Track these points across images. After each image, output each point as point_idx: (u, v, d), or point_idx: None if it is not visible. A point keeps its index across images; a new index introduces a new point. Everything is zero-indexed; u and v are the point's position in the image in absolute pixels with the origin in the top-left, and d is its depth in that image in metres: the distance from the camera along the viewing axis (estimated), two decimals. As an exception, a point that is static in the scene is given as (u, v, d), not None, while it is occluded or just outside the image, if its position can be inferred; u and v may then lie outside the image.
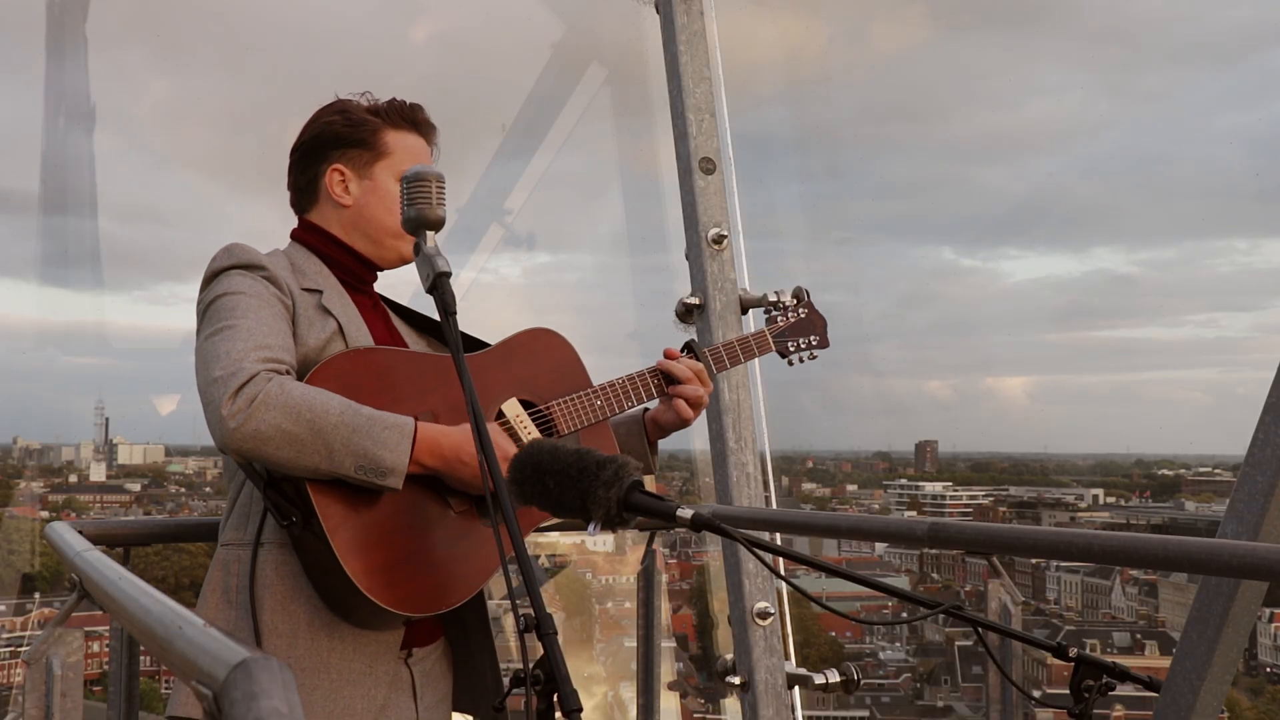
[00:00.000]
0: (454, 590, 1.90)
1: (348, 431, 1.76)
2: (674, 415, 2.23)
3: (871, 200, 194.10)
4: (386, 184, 2.06)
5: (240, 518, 1.95)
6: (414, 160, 2.06)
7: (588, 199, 30.53)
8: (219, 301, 1.89)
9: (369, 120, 2.08)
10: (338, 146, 2.07)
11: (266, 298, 1.90)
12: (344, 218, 2.07)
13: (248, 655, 0.80)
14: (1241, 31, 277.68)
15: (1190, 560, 1.85)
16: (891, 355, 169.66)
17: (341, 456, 1.75)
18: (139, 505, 46.57)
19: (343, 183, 2.07)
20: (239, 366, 1.77)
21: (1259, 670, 47.68)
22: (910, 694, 49.65)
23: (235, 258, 1.94)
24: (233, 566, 1.92)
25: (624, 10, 3.77)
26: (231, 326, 1.84)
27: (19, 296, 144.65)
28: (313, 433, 1.74)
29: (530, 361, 2.12)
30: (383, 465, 1.77)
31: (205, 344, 1.84)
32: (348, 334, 1.96)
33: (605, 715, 6.95)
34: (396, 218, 1.93)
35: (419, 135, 2.12)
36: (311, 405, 1.75)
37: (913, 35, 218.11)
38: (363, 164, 2.07)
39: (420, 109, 2.13)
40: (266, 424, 1.73)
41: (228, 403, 1.73)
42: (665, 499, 1.50)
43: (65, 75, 6.43)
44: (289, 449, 1.74)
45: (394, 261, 2.11)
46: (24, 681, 2.07)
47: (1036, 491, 71.46)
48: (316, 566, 1.84)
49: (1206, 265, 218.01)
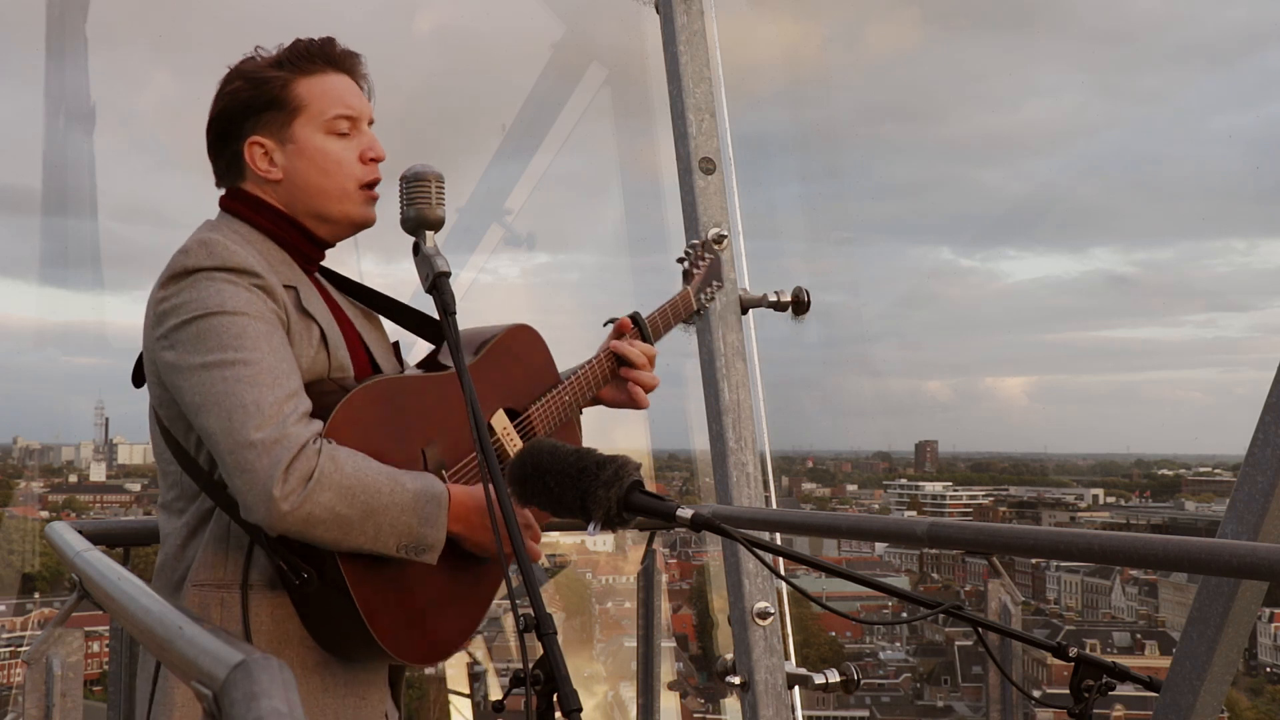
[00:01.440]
0: (464, 630, 1.85)
1: (396, 512, 1.65)
2: (626, 397, 2.17)
3: (871, 201, 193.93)
4: (311, 140, 1.80)
5: (213, 555, 1.72)
6: (335, 101, 1.81)
7: (588, 199, 30.50)
8: (215, 321, 1.65)
9: (274, 76, 1.81)
10: (248, 115, 1.81)
11: (269, 318, 1.69)
12: (279, 194, 1.82)
13: (248, 655, 0.80)
14: (1238, 32, 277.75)
15: (1190, 560, 1.85)
16: (891, 355, 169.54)
17: (387, 537, 1.65)
18: (139, 505, 46.50)
19: (265, 155, 1.81)
20: (283, 432, 1.59)
21: (1259, 670, 47.68)
22: (910, 694, 49.63)
23: (218, 258, 1.69)
24: (215, 610, 1.70)
25: (624, 10, 3.77)
26: (246, 364, 1.63)
27: (19, 296, 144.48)
28: (364, 514, 1.62)
29: (511, 366, 2.05)
30: (425, 542, 1.68)
31: (214, 378, 1.63)
32: (329, 341, 1.79)
33: (606, 715, 6.95)
34: (334, 177, 1.82)
35: (337, 71, 1.85)
36: (365, 484, 1.62)
37: (909, 36, 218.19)
38: (279, 126, 1.81)
39: (330, 41, 1.86)
40: (322, 507, 1.58)
41: (279, 482, 1.55)
42: (665, 499, 1.50)
43: (65, 75, 6.43)
44: (337, 530, 1.61)
45: (345, 228, 1.87)
46: (24, 681, 2.06)
47: (1036, 491, 71.47)
48: (325, 621, 1.71)
49: (1204, 265, 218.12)
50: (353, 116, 1.84)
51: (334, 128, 1.82)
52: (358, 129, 1.86)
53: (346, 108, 1.83)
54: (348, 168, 1.83)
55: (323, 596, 1.69)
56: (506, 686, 1.43)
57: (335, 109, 1.82)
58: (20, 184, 70.67)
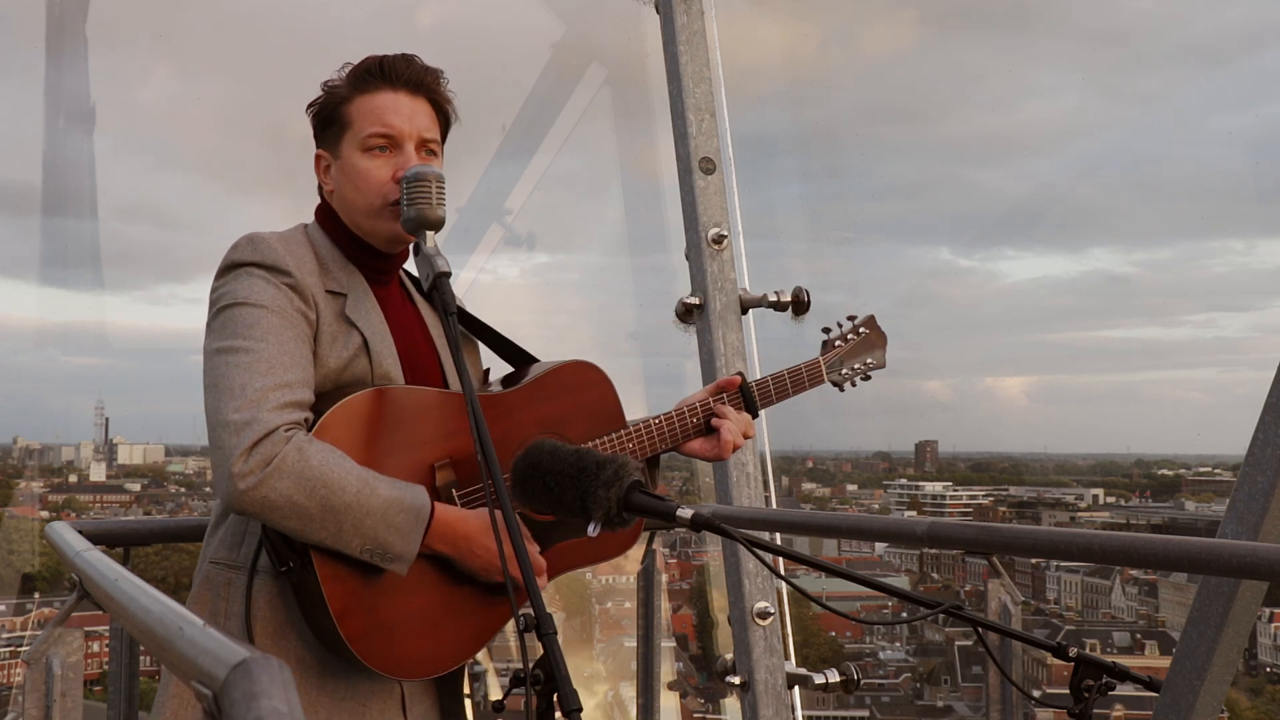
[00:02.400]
0: (448, 655, 1.80)
1: (360, 514, 1.65)
2: (715, 453, 2.07)
3: (870, 201, 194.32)
4: (351, 158, 1.87)
5: (233, 535, 1.80)
6: (374, 120, 1.86)
7: (588, 199, 30.54)
8: (237, 311, 1.73)
9: (337, 92, 1.90)
10: (319, 129, 1.93)
11: (290, 314, 1.75)
12: (335, 205, 1.91)
13: (247, 655, 0.80)
14: (1235, 33, 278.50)
15: (1190, 560, 1.85)
16: (891, 355, 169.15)
17: (349, 537, 1.65)
18: (139, 505, 46.56)
19: (325, 168, 1.92)
20: (255, 415, 1.64)
21: (1259, 670, 47.68)
22: (910, 694, 49.64)
23: (260, 254, 1.78)
24: (222, 590, 1.78)
25: (624, 10, 3.77)
26: (249, 351, 1.69)
27: (19, 297, 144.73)
28: (324, 510, 1.63)
29: (564, 399, 1.98)
30: (391, 551, 1.68)
31: (218, 362, 1.70)
32: (372, 349, 1.82)
33: (606, 714, 6.96)
34: (364, 194, 1.85)
35: (391, 89, 1.88)
36: (327, 480, 1.63)
37: (906, 37, 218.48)
38: (333, 142, 1.90)
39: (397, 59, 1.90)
40: (277, 493, 1.61)
41: (240, 459, 1.61)
42: (665, 499, 1.50)
43: (65, 75, 6.44)
44: (296, 521, 1.63)
45: (384, 244, 1.90)
46: (24, 681, 2.06)
47: (1036, 491, 71.48)
48: (310, 611, 1.73)
49: (1203, 265, 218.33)
50: (390, 135, 1.86)
51: (370, 145, 1.86)
52: (398, 148, 1.87)
53: (384, 126, 1.86)
54: (377, 186, 1.85)
55: (305, 587, 1.71)
56: (506, 686, 1.43)
57: (372, 127, 1.86)
58: (20, 184, 70.68)
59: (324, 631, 1.72)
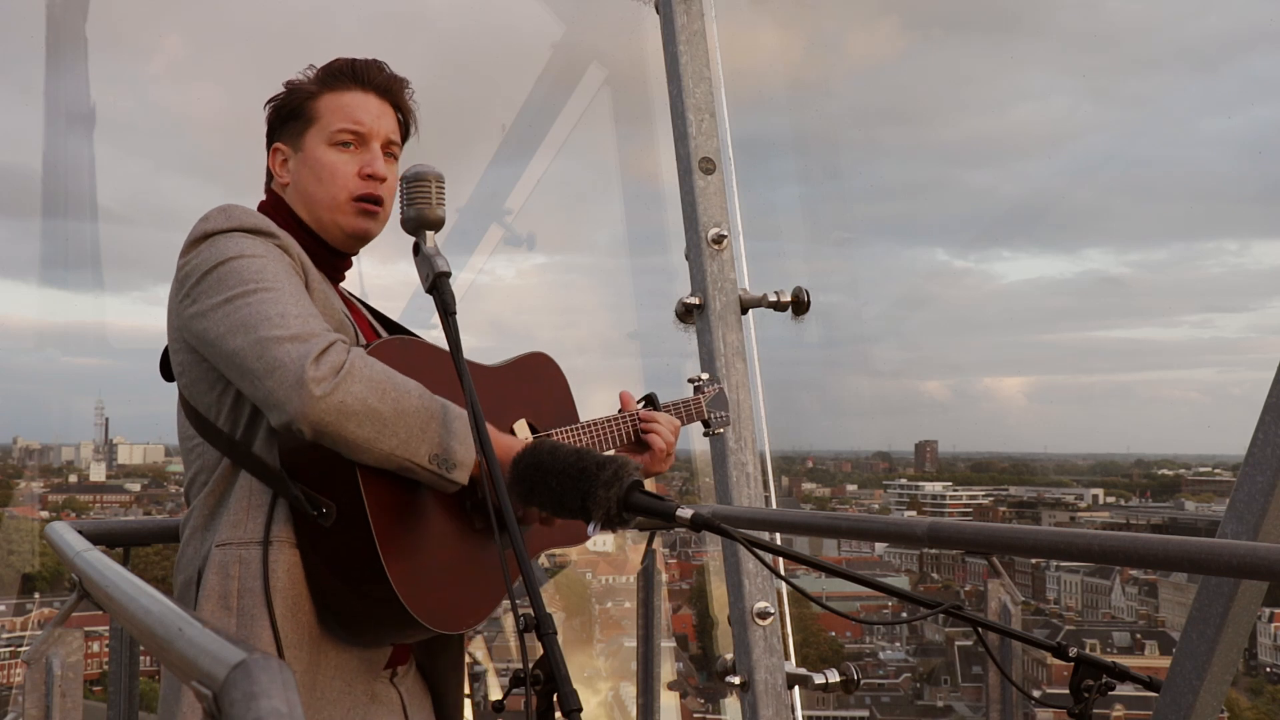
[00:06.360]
0: (471, 611, 1.79)
1: (426, 417, 1.64)
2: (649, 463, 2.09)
3: (868, 202, 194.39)
4: (315, 151, 1.86)
5: (238, 514, 1.73)
6: (344, 116, 1.87)
7: (587, 199, 30.45)
8: (233, 265, 1.67)
9: (304, 88, 1.90)
10: (279, 123, 1.91)
11: (287, 268, 1.72)
12: (289, 197, 1.89)
13: (247, 655, 0.80)
14: (1220, 38, 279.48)
15: (1190, 560, 1.85)
16: (890, 355, 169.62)
17: (418, 443, 1.63)
18: (139, 505, 46.54)
19: (283, 161, 1.90)
20: (310, 328, 1.60)
21: (1259, 670, 47.67)
22: (910, 694, 49.65)
23: (236, 220, 1.73)
24: (233, 569, 1.70)
25: (624, 11, 3.77)
26: (269, 289, 1.64)
27: (19, 297, 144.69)
28: (396, 413, 1.60)
29: (535, 386, 2.05)
30: (454, 457, 1.66)
31: (237, 305, 1.64)
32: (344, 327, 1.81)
33: (607, 713, 6.96)
34: (327, 186, 1.85)
35: (361, 90, 1.89)
36: (395, 384, 1.62)
37: (896, 43, 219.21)
38: (296, 135, 1.89)
39: (366, 63, 1.91)
40: (353, 396, 1.57)
41: (311, 366, 1.55)
42: (665, 499, 1.50)
43: (65, 76, 6.44)
44: (370, 427, 1.58)
45: (340, 240, 1.89)
46: (24, 681, 2.06)
47: (1036, 491, 71.48)
48: (345, 558, 1.67)
49: (1198, 266, 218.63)
50: (359, 132, 1.88)
51: (337, 139, 1.87)
52: (364, 145, 1.88)
53: (354, 123, 1.88)
54: (342, 179, 1.86)
55: (337, 536, 1.67)
56: (506, 686, 1.43)
57: (341, 122, 1.87)
58: (20, 185, 70.71)
59: (361, 576, 1.66)
